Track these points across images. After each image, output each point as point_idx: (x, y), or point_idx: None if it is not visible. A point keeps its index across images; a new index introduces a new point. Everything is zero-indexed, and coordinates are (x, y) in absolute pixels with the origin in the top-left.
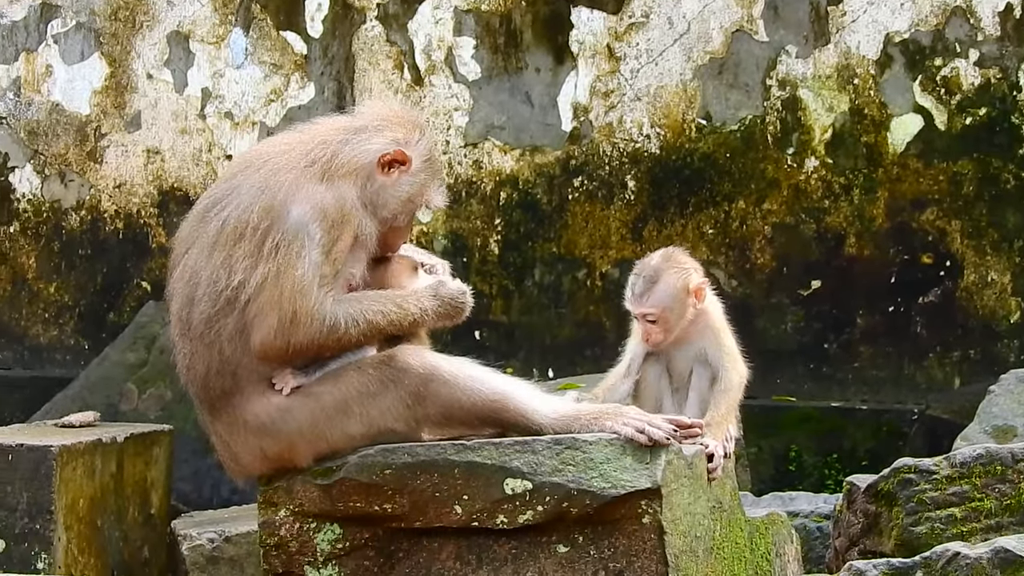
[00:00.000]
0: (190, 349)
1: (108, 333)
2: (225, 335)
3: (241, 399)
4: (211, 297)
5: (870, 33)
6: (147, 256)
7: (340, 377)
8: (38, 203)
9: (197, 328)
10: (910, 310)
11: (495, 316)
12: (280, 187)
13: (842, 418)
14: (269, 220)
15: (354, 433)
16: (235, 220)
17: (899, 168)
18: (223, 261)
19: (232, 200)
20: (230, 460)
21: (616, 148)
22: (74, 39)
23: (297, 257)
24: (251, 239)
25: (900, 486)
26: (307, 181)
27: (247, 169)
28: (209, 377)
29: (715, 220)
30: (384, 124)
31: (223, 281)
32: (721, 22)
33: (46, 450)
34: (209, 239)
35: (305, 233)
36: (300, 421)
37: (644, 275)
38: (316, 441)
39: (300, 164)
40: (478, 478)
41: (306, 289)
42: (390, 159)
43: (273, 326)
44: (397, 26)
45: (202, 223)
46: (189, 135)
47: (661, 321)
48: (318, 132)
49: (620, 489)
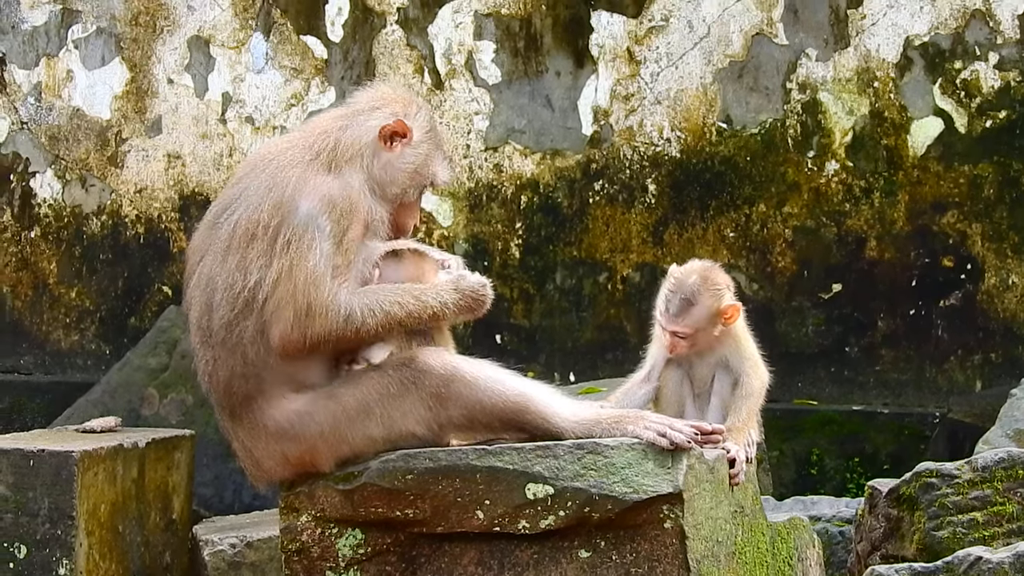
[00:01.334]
0: (212, 355)
1: (129, 338)
2: (247, 338)
3: (263, 402)
4: (229, 301)
5: (890, 36)
6: (168, 261)
7: (361, 379)
8: (59, 208)
9: (219, 334)
10: (931, 313)
11: (516, 320)
12: (287, 183)
13: (863, 422)
14: (279, 216)
15: (375, 436)
16: (246, 221)
17: (919, 171)
18: (238, 264)
19: (241, 203)
20: (252, 466)
21: (636, 151)
22: (95, 44)
23: (308, 250)
24: (263, 238)
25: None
26: (313, 174)
27: (253, 171)
28: (232, 382)
29: (736, 223)
30: (381, 103)
31: (239, 283)
32: (741, 25)
33: (67, 455)
34: (222, 244)
35: (315, 226)
36: (321, 424)
37: (681, 295)
38: (338, 444)
39: (305, 158)
40: (500, 483)
41: (319, 280)
42: (391, 130)
43: (289, 319)
44: (417, 30)
45: (213, 229)
46: (210, 140)
47: (690, 339)
48: (318, 124)
49: (642, 494)
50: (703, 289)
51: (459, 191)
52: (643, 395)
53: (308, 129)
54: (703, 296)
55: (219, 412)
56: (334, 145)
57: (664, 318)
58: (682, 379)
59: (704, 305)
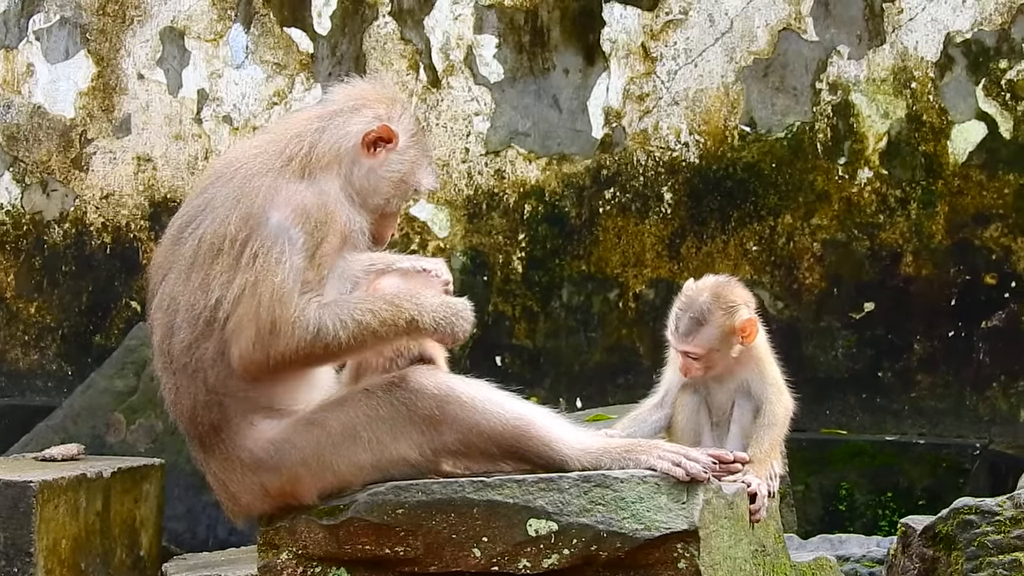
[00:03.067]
0: (175, 383)
1: (94, 357)
2: (207, 361)
3: (232, 432)
4: (190, 322)
5: (929, 32)
6: (137, 273)
7: (346, 401)
8: (18, 215)
9: (180, 359)
10: (972, 335)
11: (519, 340)
12: (257, 193)
13: (897, 453)
14: (247, 230)
15: (364, 463)
16: (212, 236)
17: (960, 180)
18: (201, 282)
19: (207, 215)
20: (228, 499)
21: (651, 157)
22: (58, 35)
23: (276, 263)
24: (229, 252)
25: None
26: (286, 182)
27: (218, 180)
28: (196, 411)
29: (759, 236)
30: (361, 103)
31: (201, 303)
32: (767, 19)
33: (25, 486)
34: (186, 261)
35: (286, 238)
36: (303, 451)
37: (691, 313)
38: (322, 473)
39: (276, 165)
40: (499, 518)
41: (286, 296)
42: (375, 136)
43: (251, 338)
44: (412, 23)
45: (176, 245)
46: (184, 141)
47: (705, 359)
48: (291, 126)
49: (654, 531)
50: (714, 306)
51: (457, 199)
52: (655, 422)
53: (280, 131)
54: (715, 314)
55: (189, 442)
56: (309, 150)
57: (674, 338)
58: (699, 406)
59: (716, 324)
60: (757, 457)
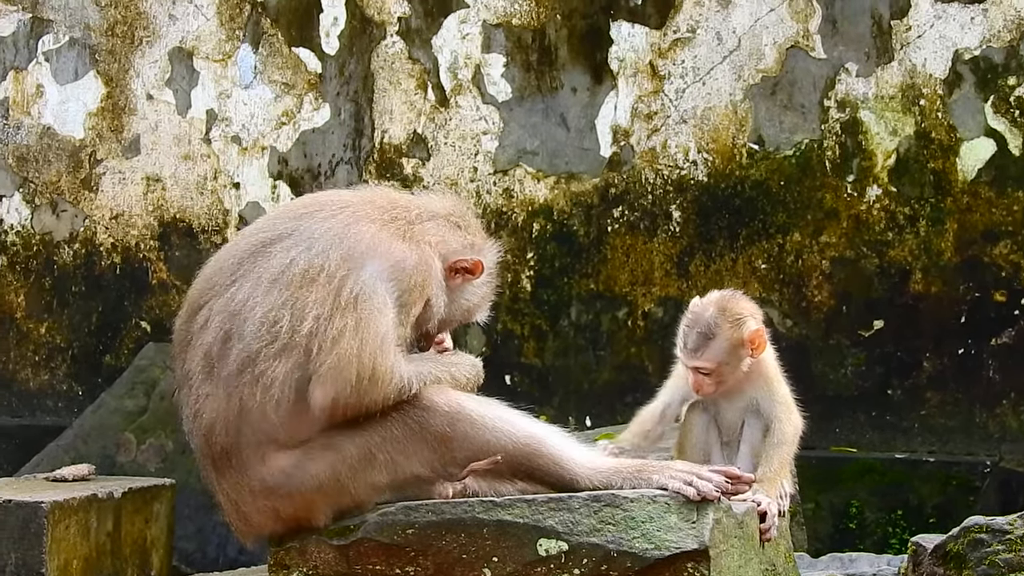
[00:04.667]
0: (207, 390)
1: (104, 377)
2: (264, 379)
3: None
4: (262, 336)
5: (937, 50)
6: (146, 293)
7: (359, 425)
8: (28, 235)
9: (230, 365)
10: (982, 352)
11: (527, 359)
12: (361, 237)
13: (907, 471)
14: (347, 269)
15: (380, 483)
16: (306, 262)
17: (969, 197)
18: (286, 302)
19: (302, 241)
20: (239, 520)
21: (660, 175)
22: (67, 56)
23: (379, 312)
24: (326, 286)
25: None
26: (390, 236)
27: (317, 213)
28: (215, 428)
29: (768, 254)
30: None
31: (285, 323)
32: (774, 37)
33: (36, 506)
34: (269, 275)
35: (385, 289)
36: (318, 477)
37: (698, 328)
38: (338, 496)
39: (382, 217)
40: (509, 538)
41: (386, 347)
42: (464, 267)
43: (351, 381)
44: (420, 42)
45: (258, 257)
46: (193, 161)
47: (715, 375)
48: (392, 194)
49: (664, 550)
50: (721, 320)
51: None
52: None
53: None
54: (722, 327)
55: (201, 461)
56: (412, 221)
57: (684, 354)
58: (708, 425)
59: (724, 337)
60: (767, 476)
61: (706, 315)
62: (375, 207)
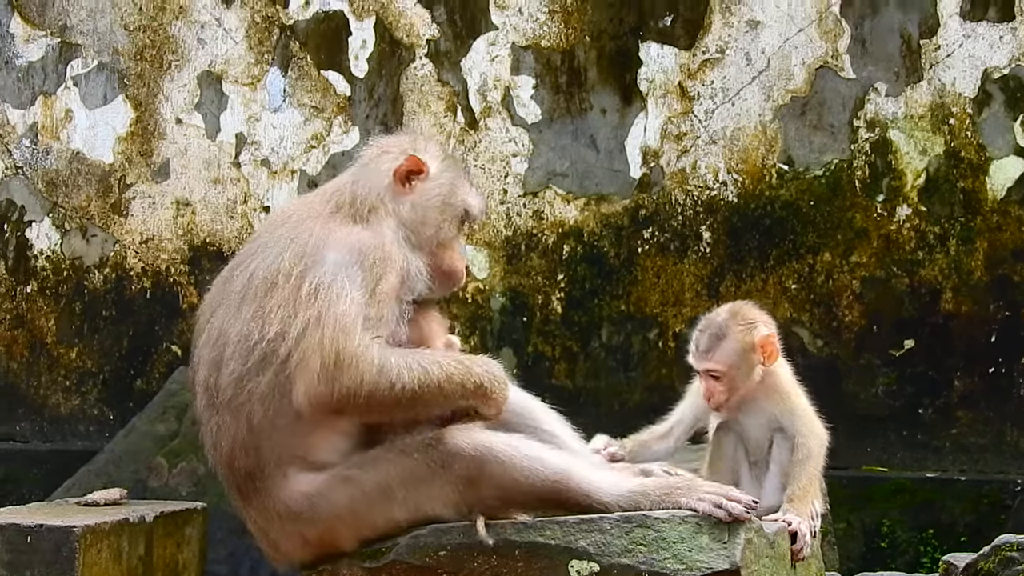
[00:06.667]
0: (217, 421)
1: (135, 402)
2: (257, 395)
3: (265, 482)
4: (242, 355)
5: (967, 69)
6: (177, 317)
7: (381, 460)
8: (57, 260)
9: (225, 392)
10: (1012, 371)
11: (558, 380)
12: (311, 233)
13: (939, 490)
14: (303, 265)
15: (399, 519)
16: (264, 271)
17: (999, 216)
18: (254, 314)
19: (258, 255)
20: (269, 547)
21: (689, 196)
22: (96, 81)
23: (338, 298)
24: (284, 286)
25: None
26: (338, 225)
27: (269, 226)
28: (235, 454)
29: (798, 274)
30: (386, 148)
31: (255, 335)
32: (804, 58)
33: (68, 531)
34: (236, 296)
35: (344, 275)
36: (338, 507)
37: (710, 331)
38: (358, 527)
39: (325, 211)
40: (541, 559)
41: (349, 328)
42: (405, 169)
43: (316, 370)
44: (449, 64)
45: (226, 284)
46: (222, 185)
47: (726, 379)
48: (330, 185)
49: (696, 571)
50: (732, 323)
51: (495, 240)
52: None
53: (321, 191)
54: (733, 329)
55: (228, 490)
56: (351, 199)
57: (695, 358)
58: (736, 445)
59: (735, 339)
60: (796, 494)
61: (718, 319)
62: (317, 204)
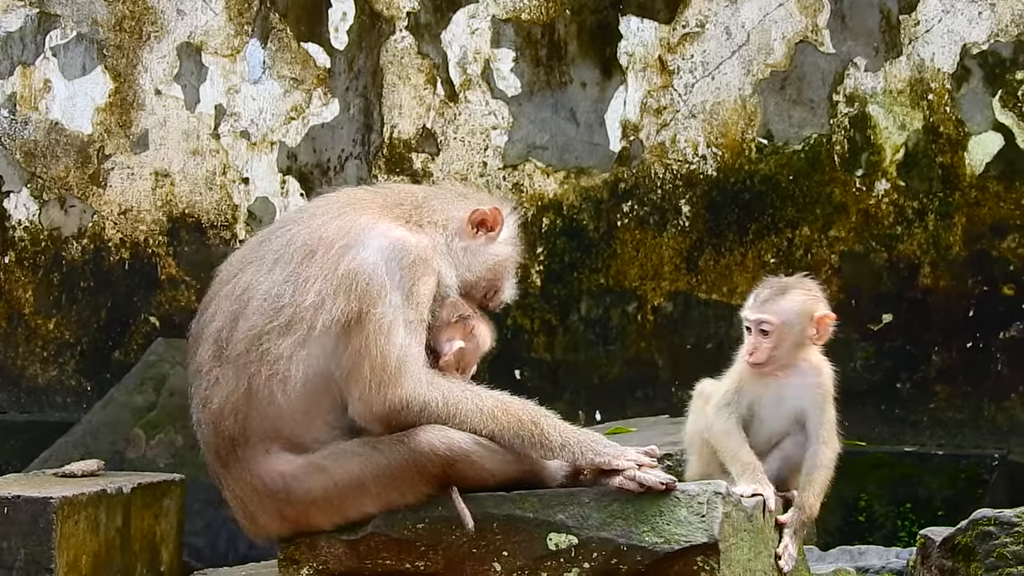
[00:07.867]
0: (217, 375)
1: (113, 373)
2: (270, 357)
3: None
4: (266, 312)
5: (945, 44)
6: (155, 289)
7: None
8: (36, 231)
9: (237, 346)
10: (990, 346)
11: (537, 354)
12: (360, 214)
13: (916, 464)
14: (345, 240)
15: (372, 511)
16: (306, 236)
17: (977, 191)
18: (287, 276)
19: (302, 222)
20: (246, 520)
21: (669, 170)
22: (75, 51)
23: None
24: (324, 256)
25: (979, 539)
26: (389, 221)
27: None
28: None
29: (777, 248)
30: (469, 194)
31: (287, 297)
32: (783, 32)
33: (45, 502)
34: (271, 255)
35: (384, 271)
36: (313, 494)
37: (774, 286)
38: (331, 515)
39: (383, 204)
40: (519, 533)
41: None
42: (481, 216)
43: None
44: (429, 37)
45: (262, 244)
46: (201, 156)
47: (774, 336)
48: (397, 187)
49: (674, 544)
50: (799, 287)
51: None
52: None
53: (385, 188)
54: (797, 292)
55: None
56: (416, 207)
57: (751, 308)
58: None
59: (796, 299)
60: (807, 502)
61: (785, 280)
62: (377, 200)
